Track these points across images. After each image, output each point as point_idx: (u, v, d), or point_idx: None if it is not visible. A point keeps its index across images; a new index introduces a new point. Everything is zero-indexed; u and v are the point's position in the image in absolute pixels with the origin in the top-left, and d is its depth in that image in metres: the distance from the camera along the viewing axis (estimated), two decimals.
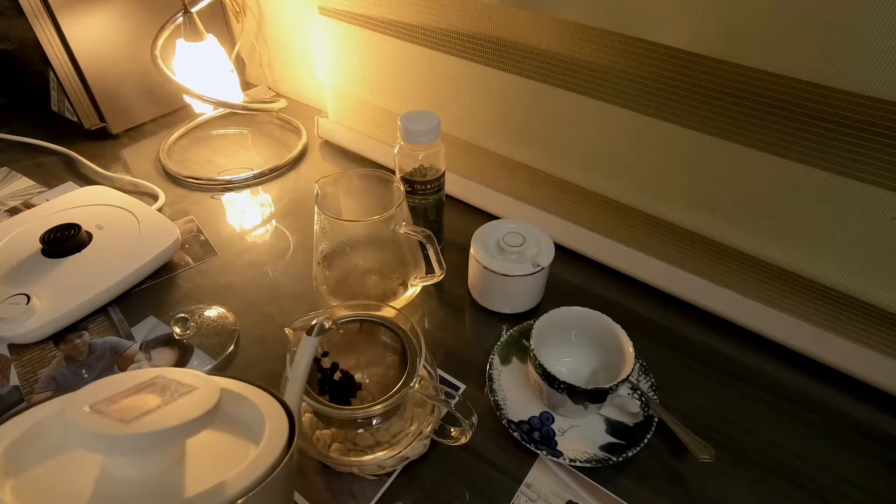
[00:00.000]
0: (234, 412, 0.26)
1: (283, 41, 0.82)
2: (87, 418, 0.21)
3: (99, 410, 0.21)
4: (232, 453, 0.25)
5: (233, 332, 0.49)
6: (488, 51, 0.55)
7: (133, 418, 0.21)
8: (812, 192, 0.43)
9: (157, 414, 0.22)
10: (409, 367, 0.37)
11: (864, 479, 0.40)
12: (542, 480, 0.39)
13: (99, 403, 0.22)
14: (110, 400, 0.22)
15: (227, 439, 0.26)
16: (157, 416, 0.21)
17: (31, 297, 0.47)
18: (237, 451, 0.25)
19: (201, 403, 0.23)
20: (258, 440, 0.25)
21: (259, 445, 0.24)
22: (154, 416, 0.21)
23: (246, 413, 0.26)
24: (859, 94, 0.38)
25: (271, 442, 0.24)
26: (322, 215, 0.45)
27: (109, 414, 0.21)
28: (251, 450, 0.25)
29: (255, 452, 0.24)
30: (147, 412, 0.22)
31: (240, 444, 0.25)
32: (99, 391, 0.23)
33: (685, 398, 0.44)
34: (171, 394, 0.23)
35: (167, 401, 0.22)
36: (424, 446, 0.39)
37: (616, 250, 0.56)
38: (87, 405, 0.21)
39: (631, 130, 0.50)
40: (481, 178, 0.65)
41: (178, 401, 0.23)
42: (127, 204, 0.58)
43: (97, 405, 0.21)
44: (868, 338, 0.46)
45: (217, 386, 0.24)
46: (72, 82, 0.70)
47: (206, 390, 0.24)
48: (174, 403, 0.22)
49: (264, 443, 0.24)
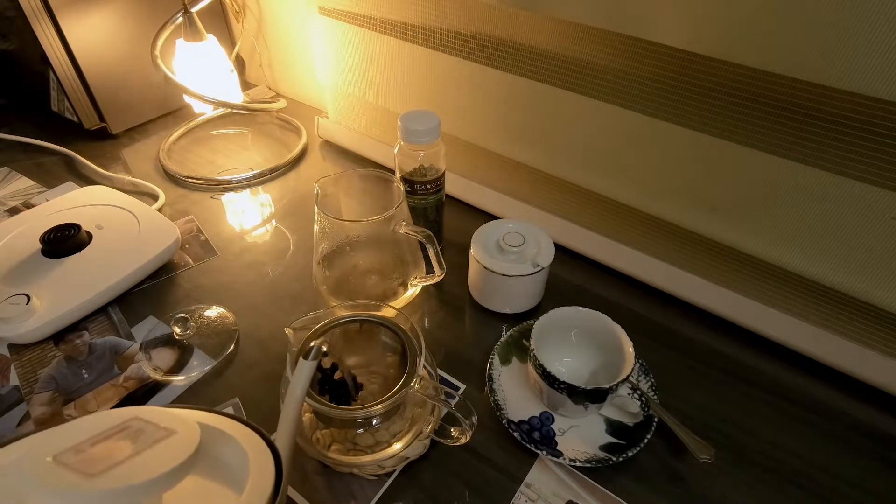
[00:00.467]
0: (217, 452, 0.24)
1: (283, 41, 0.82)
2: (49, 472, 0.19)
3: (62, 462, 0.19)
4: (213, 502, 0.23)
5: (233, 332, 0.49)
6: (488, 51, 0.55)
7: (101, 471, 0.19)
8: (812, 192, 0.43)
9: (128, 465, 0.20)
10: (409, 367, 0.37)
11: (864, 479, 0.40)
12: (542, 480, 0.39)
13: (63, 454, 0.20)
14: (76, 449, 0.20)
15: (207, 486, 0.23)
16: (127, 468, 0.19)
17: (31, 297, 0.47)
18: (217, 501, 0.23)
19: (179, 451, 0.21)
20: (241, 488, 0.23)
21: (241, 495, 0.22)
22: (124, 467, 0.19)
23: (229, 454, 0.24)
24: (859, 94, 0.38)
25: (255, 491, 0.22)
26: (322, 215, 0.45)
27: (74, 466, 0.19)
28: (232, 500, 0.23)
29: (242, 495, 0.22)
30: (117, 463, 0.20)
31: (220, 492, 0.23)
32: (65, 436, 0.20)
33: (685, 398, 0.44)
34: (145, 440, 0.21)
35: (140, 448, 0.20)
36: (424, 446, 0.39)
37: (616, 250, 0.56)
38: (49, 455, 0.19)
39: (631, 130, 0.50)
40: (481, 178, 0.65)
41: (152, 448, 0.21)
42: (127, 204, 0.58)
43: (61, 455, 0.19)
44: (868, 338, 0.46)
45: (197, 429, 0.22)
46: (72, 82, 0.70)
47: (185, 435, 0.22)
48: (148, 451, 0.20)
49: (247, 492, 0.22)
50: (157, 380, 0.45)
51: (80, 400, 0.44)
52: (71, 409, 0.43)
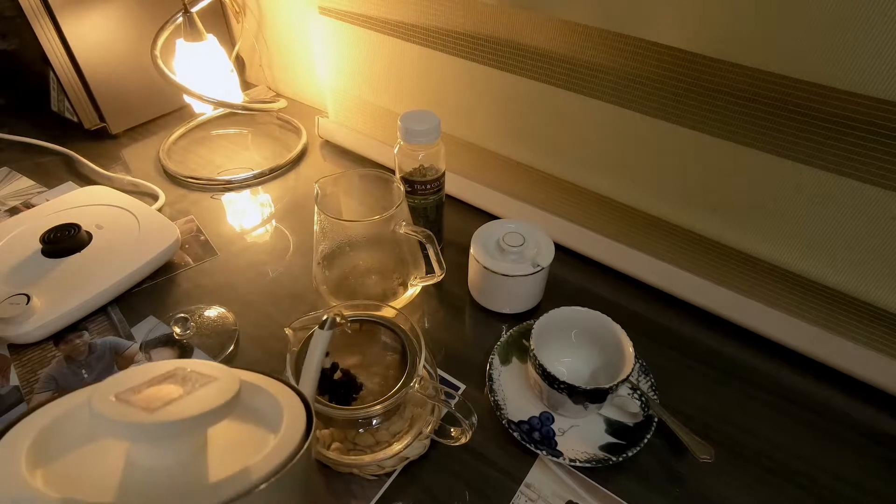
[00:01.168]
0: (252, 402, 0.27)
1: (283, 41, 0.82)
2: (114, 407, 0.21)
3: (124, 400, 0.22)
4: (252, 441, 0.25)
5: (233, 332, 0.49)
6: (488, 51, 0.55)
7: (157, 407, 0.21)
8: (812, 192, 0.43)
9: (180, 403, 0.22)
10: (409, 367, 0.37)
11: (864, 479, 0.40)
12: (542, 480, 0.39)
13: (124, 393, 0.22)
14: (134, 390, 0.23)
15: (247, 428, 0.26)
16: (180, 405, 0.22)
17: (31, 297, 0.47)
18: (257, 440, 0.25)
19: (222, 393, 0.23)
20: (277, 428, 0.25)
21: (278, 433, 0.25)
22: (177, 405, 0.22)
23: (263, 403, 0.27)
24: (859, 94, 0.38)
25: (290, 430, 0.25)
26: (322, 215, 0.45)
27: (134, 403, 0.22)
28: (270, 438, 0.25)
29: (276, 439, 0.24)
30: (170, 401, 0.22)
31: (259, 432, 0.26)
32: (123, 381, 0.23)
33: (685, 398, 0.44)
34: (192, 384, 0.24)
35: (189, 390, 0.23)
36: (424, 446, 0.39)
37: (616, 250, 0.56)
38: (112, 395, 0.22)
39: (631, 130, 0.50)
40: (481, 178, 0.65)
41: (199, 391, 0.23)
42: (127, 204, 0.58)
43: (122, 394, 0.22)
44: (868, 338, 0.46)
45: (236, 376, 0.25)
46: (72, 82, 0.70)
47: (226, 380, 0.24)
48: (196, 393, 0.23)
49: (283, 430, 0.25)
50: None
51: None
52: None
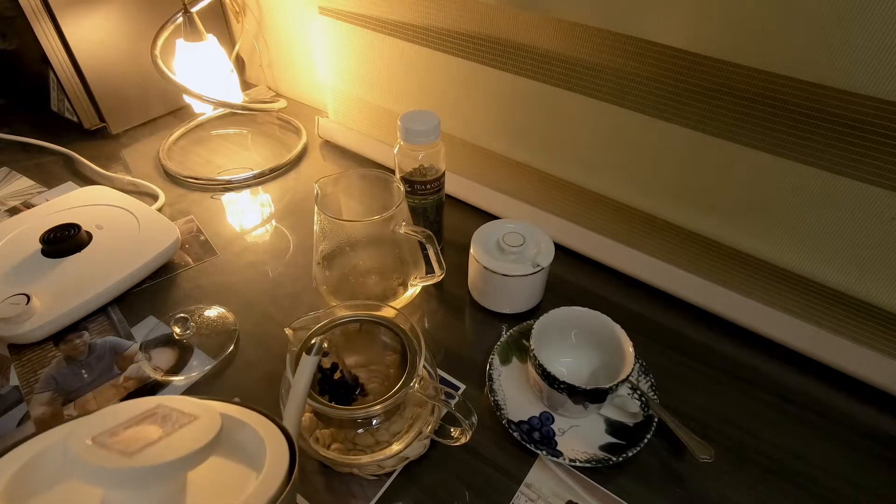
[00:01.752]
0: (234, 438, 0.26)
1: (283, 41, 0.82)
2: (91, 452, 0.21)
3: (101, 443, 0.21)
4: (233, 481, 0.25)
5: (232, 332, 0.49)
6: (488, 51, 0.55)
7: (135, 451, 0.21)
8: (812, 192, 0.43)
9: (159, 446, 0.22)
10: (409, 367, 0.37)
11: (864, 479, 0.40)
12: (542, 480, 0.39)
13: (101, 436, 0.22)
14: (112, 432, 0.22)
15: (228, 466, 0.26)
16: (159, 448, 0.21)
17: (31, 297, 0.47)
18: (238, 479, 0.25)
19: (203, 433, 0.23)
20: (260, 466, 0.24)
21: (260, 473, 0.24)
22: (156, 448, 0.21)
23: (246, 438, 0.26)
24: (859, 94, 0.38)
25: (273, 469, 0.24)
26: (322, 215, 0.45)
27: (112, 446, 0.21)
28: (252, 477, 0.24)
29: (258, 481, 0.24)
30: (149, 444, 0.22)
31: (240, 470, 0.25)
32: (100, 422, 0.22)
33: (685, 398, 0.44)
34: (172, 424, 0.23)
35: (168, 431, 0.23)
36: (424, 446, 0.39)
37: (616, 250, 0.56)
38: (89, 438, 0.21)
39: (631, 130, 0.50)
40: (481, 178, 0.65)
41: (179, 431, 0.23)
42: (127, 204, 0.58)
43: (99, 437, 0.21)
44: (868, 338, 0.46)
45: (217, 414, 0.24)
46: (71, 82, 0.70)
47: (208, 420, 0.24)
48: (176, 434, 0.22)
49: (266, 470, 0.24)
50: (157, 380, 0.45)
51: (80, 400, 0.44)
52: (71, 409, 0.43)
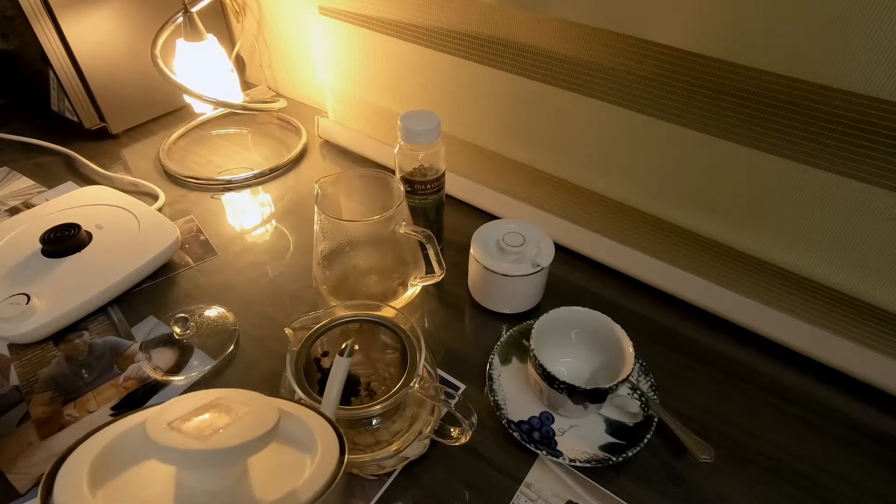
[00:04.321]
0: (287, 428, 0.28)
1: (283, 41, 0.82)
2: (168, 435, 0.23)
3: (177, 428, 0.23)
4: (290, 465, 0.27)
5: (233, 331, 0.49)
6: (488, 51, 0.55)
7: (208, 435, 0.23)
8: (812, 192, 0.43)
9: (227, 431, 0.24)
10: (409, 367, 0.37)
11: (864, 479, 0.40)
12: (542, 480, 0.39)
13: (176, 421, 0.24)
14: (184, 418, 0.24)
15: (284, 452, 0.28)
16: (227, 433, 0.24)
17: (31, 296, 0.47)
18: (295, 462, 0.27)
19: (265, 421, 0.25)
20: (313, 451, 0.27)
21: (315, 456, 0.26)
22: (225, 433, 0.24)
23: (296, 428, 0.28)
24: (859, 94, 0.38)
25: (326, 452, 0.26)
26: (322, 215, 0.45)
27: (186, 431, 0.23)
28: (307, 460, 0.26)
29: (314, 463, 0.26)
30: (218, 430, 0.24)
31: (296, 455, 0.27)
32: (174, 410, 0.25)
33: (685, 398, 0.44)
34: (235, 413, 0.25)
35: (234, 419, 0.25)
36: (424, 446, 0.39)
37: (616, 250, 0.56)
38: (165, 423, 0.24)
39: (631, 130, 0.50)
40: (481, 178, 0.65)
41: (243, 419, 0.25)
42: (127, 204, 0.58)
43: (175, 423, 0.24)
44: (868, 338, 0.46)
45: (274, 405, 0.27)
46: (72, 82, 0.70)
47: (266, 409, 0.26)
48: (240, 422, 0.25)
49: (319, 453, 0.26)
50: (157, 379, 0.45)
51: (80, 400, 0.44)
52: (71, 408, 0.43)
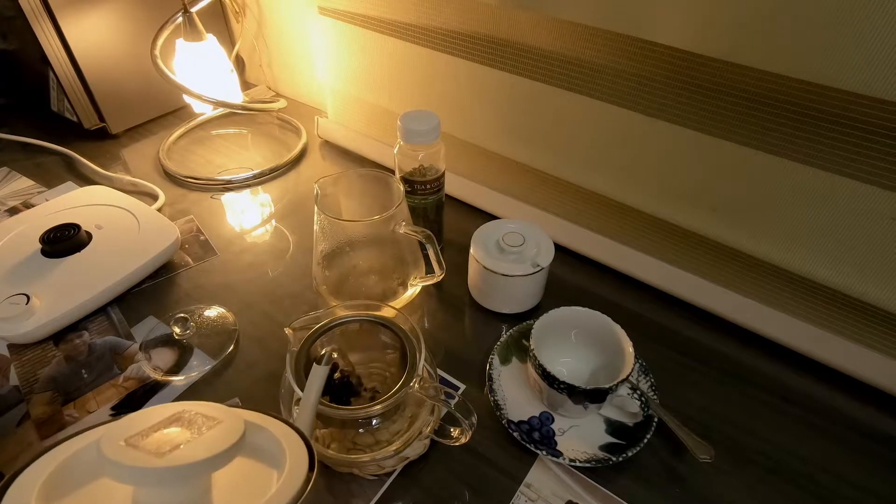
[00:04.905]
0: (254, 441, 0.28)
1: (283, 41, 0.82)
2: (124, 452, 0.22)
3: (133, 444, 0.22)
4: (256, 480, 0.26)
5: (232, 332, 0.49)
6: (488, 51, 0.55)
7: (166, 452, 0.22)
8: (812, 192, 0.43)
9: (187, 447, 0.23)
10: (408, 367, 0.37)
11: (864, 479, 0.40)
12: (542, 480, 0.39)
13: (133, 437, 0.23)
14: (142, 434, 0.23)
15: (250, 466, 0.27)
16: (188, 449, 0.22)
17: (30, 296, 0.47)
18: (261, 478, 0.26)
19: (229, 435, 0.24)
20: (280, 466, 0.26)
21: (282, 471, 0.25)
22: (185, 449, 0.22)
23: (265, 441, 0.27)
24: (859, 94, 0.38)
25: (293, 467, 0.25)
26: (322, 215, 0.45)
27: (143, 448, 0.22)
28: (273, 475, 0.26)
29: (281, 478, 0.25)
30: (178, 446, 0.23)
31: (262, 469, 0.26)
32: (130, 426, 0.24)
33: (685, 398, 0.44)
34: (198, 427, 0.24)
35: (195, 434, 0.24)
36: (424, 446, 0.39)
37: (616, 250, 0.56)
38: (121, 439, 0.22)
39: (631, 130, 0.50)
40: (481, 178, 0.65)
41: (206, 434, 0.24)
42: (127, 204, 0.58)
43: (131, 439, 0.23)
44: (868, 338, 0.46)
45: (240, 418, 0.26)
46: (71, 82, 0.70)
47: (231, 423, 0.25)
48: (203, 437, 0.24)
49: (287, 468, 0.25)
50: (156, 380, 0.45)
51: (80, 400, 0.44)
52: (71, 408, 0.43)
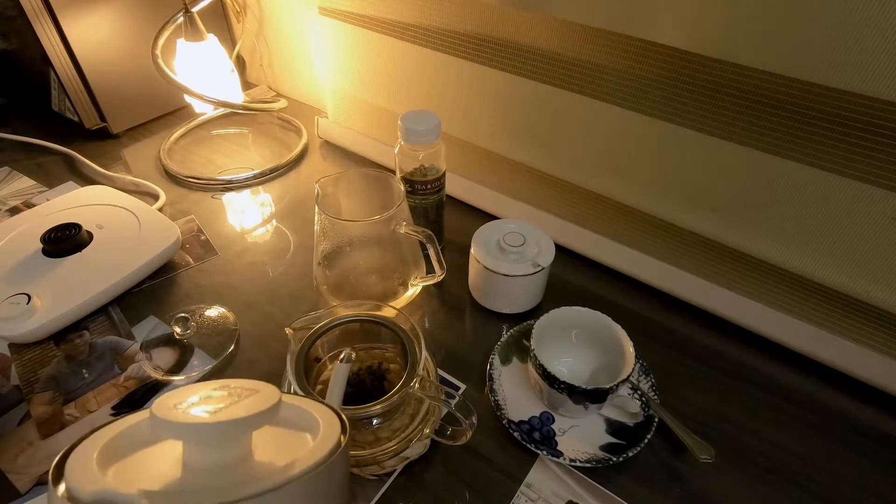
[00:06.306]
0: (290, 415, 0.30)
1: (283, 41, 0.82)
2: (175, 412, 0.25)
3: (183, 409, 0.25)
4: (294, 443, 0.28)
5: (233, 331, 0.49)
6: (488, 51, 0.55)
7: (212, 412, 0.25)
8: (812, 193, 0.43)
9: (231, 409, 0.25)
10: (409, 367, 0.37)
11: (864, 479, 0.40)
12: (542, 480, 0.39)
13: (182, 404, 0.26)
14: (189, 402, 0.26)
15: (287, 434, 0.29)
16: (231, 410, 0.25)
17: (31, 296, 0.47)
18: (298, 442, 0.29)
19: (266, 399, 0.27)
20: (315, 432, 0.28)
21: (317, 435, 0.28)
22: (229, 409, 0.25)
23: (300, 415, 0.30)
24: (859, 94, 0.38)
25: (327, 432, 0.28)
26: (322, 215, 0.45)
27: (191, 410, 0.25)
28: (309, 439, 0.28)
29: (316, 440, 0.27)
30: (223, 408, 0.25)
31: (299, 436, 0.29)
32: (179, 395, 0.27)
33: (685, 398, 0.44)
34: (238, 395, 0.27)
35: (236, 400, 0.27)
36: (424, 446, 0.39)
37: (616, 250, 0.56)
38: (172, 404, 0.25)
39: (631, 130, 0.50)
40: (481, 178, 0.65)
41: (246, 399, 0.27)
42: (127, 204, 0.58)
43: (181, 405, 0.25)
44: (868, 338, 0.46)
45: (275, 388, 0.29)
46: (72, 82, 0.70)
47: (268, 391, 0.28)
48: (243, 401, 0.26)
49: (322, 433, 0.28)
50: (157, 379, 0.45)
51: (80, 399, 0.44)
52: (71, 408, 0.43)
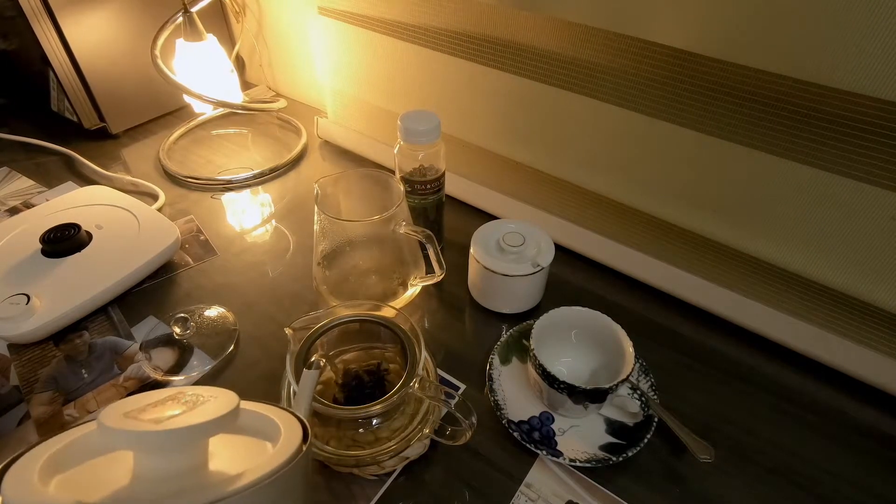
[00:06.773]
0: (252, 423, 0.29)
1: (283, 41, 0.82)
2: (124, 422, 0.23)
3: (133, 416, 0.24)
4: (252, 451, 0.27)
5: (233, 331, 0.49)
6: (488, 51, 0.55)
7: (163, 420, 0.24)
8: (812, 193, 0.43)
9: (185, 416, 0.24)
10: (408, 367, 0.37)
11: (864, 479, 0.40)
12: (542, 480, 0.39)
13: (132, 411, 0.24)
14: (141, 409, 0.25)
15: (247, 441, 0.28)
16: (185, 417, 0.24)
17: (30, 296, 0.47)
18: (257, 450, 0.27)
19: (223, 406, 0.26)
20: (275, 440, 0.27)
21: (277, 443, 0.27)
22: (182, 417, 0.24)
23: (261, 423, 0.29)
24: (859, 94, 0.38)
25: (287, 439, 0.27)
26: (322, 215, 0.45)
27: (143, 419, 0.24)
28: (268, 447, 0.27)
29: (275, 449, 0.26)
30: (176, 416, 0.24)
31: (258, 444, 0.28)
32: (129, 403, 0.25)
33: (685, 398, 0.44)
34: (195, 401, 0.26)
35: (191, 407, 0.25)
36: (424, 446, 0.39)
37: (616, 250, 0.56)
38: (121, 413, 0.24)
39: (631, 130, 0.50)
40: (481, 178, 0.65)
41: (202, 406, 0.26)
42: (127, 204, 0.58)
43: (131, 413, 0.24)
44: (868, 338, 0.46)
45: (234, 394, 0.27)
46: (72, 82, 0.70)
47: (226, 398, 0.27)
48: (197, 408, 0.25)
49: (282, 440, 0.27)
50: (157, 379, 0.45)
51: (80, 400, 0.44)
52: (71, 408, 0.43)
